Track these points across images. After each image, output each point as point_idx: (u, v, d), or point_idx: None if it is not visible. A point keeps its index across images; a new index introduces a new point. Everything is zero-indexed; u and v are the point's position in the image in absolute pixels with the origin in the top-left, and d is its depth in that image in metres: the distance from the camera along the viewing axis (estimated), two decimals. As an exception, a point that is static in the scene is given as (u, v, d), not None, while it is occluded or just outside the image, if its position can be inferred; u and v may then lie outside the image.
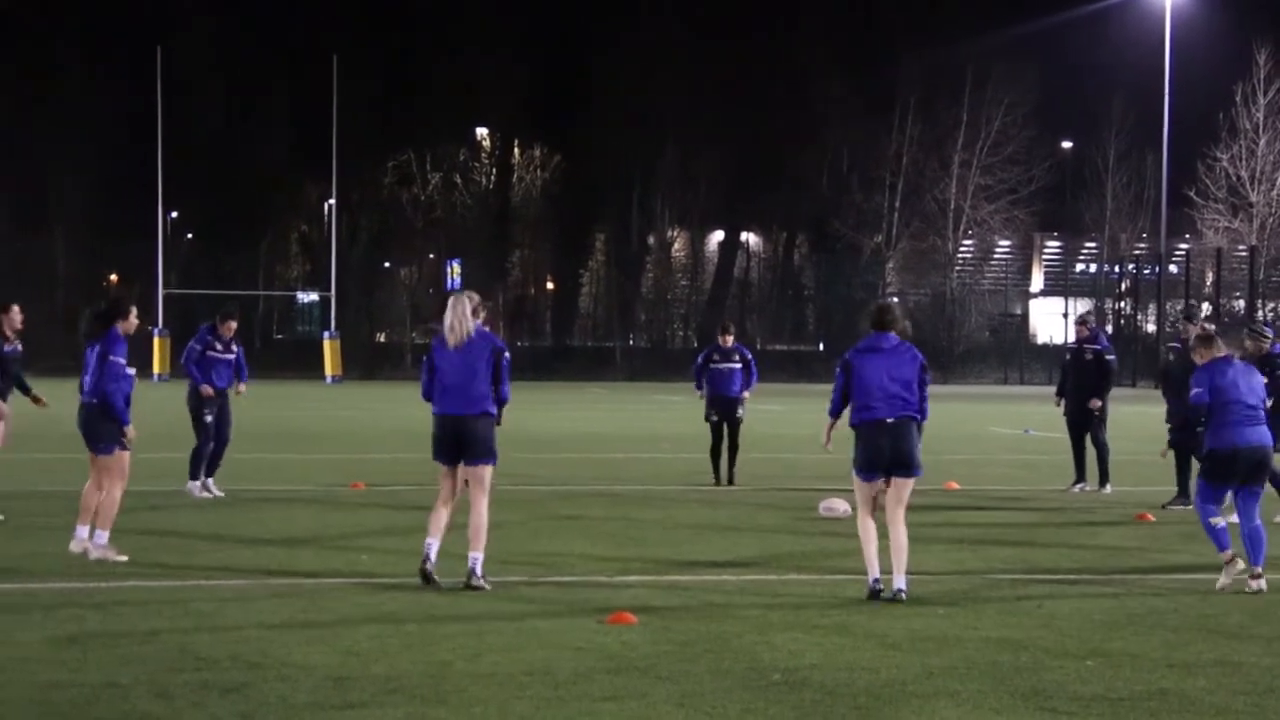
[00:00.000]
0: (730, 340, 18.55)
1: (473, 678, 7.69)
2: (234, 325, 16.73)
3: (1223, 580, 10.53)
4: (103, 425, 11.75)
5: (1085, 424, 17.98)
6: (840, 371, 10.39)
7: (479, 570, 10.21)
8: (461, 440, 10.40)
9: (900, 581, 10.06)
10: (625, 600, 9.84)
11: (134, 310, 12.25)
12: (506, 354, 10.54)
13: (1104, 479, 17.75)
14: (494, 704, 7.17)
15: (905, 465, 10.21)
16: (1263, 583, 10.47)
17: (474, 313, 10.52)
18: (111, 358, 11.74)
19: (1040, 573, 11.47)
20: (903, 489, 10.32)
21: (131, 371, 11.93)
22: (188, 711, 7.00)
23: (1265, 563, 10.63)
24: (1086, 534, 13.92)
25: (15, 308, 14.61)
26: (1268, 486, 11.63)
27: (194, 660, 8.01)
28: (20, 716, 6.91)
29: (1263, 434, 10.75)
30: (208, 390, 16.25)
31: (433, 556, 10.28)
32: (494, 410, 10.46)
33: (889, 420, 10.14)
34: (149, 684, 7.47)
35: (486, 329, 10.61)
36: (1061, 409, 18.36)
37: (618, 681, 7.63)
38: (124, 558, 11.41)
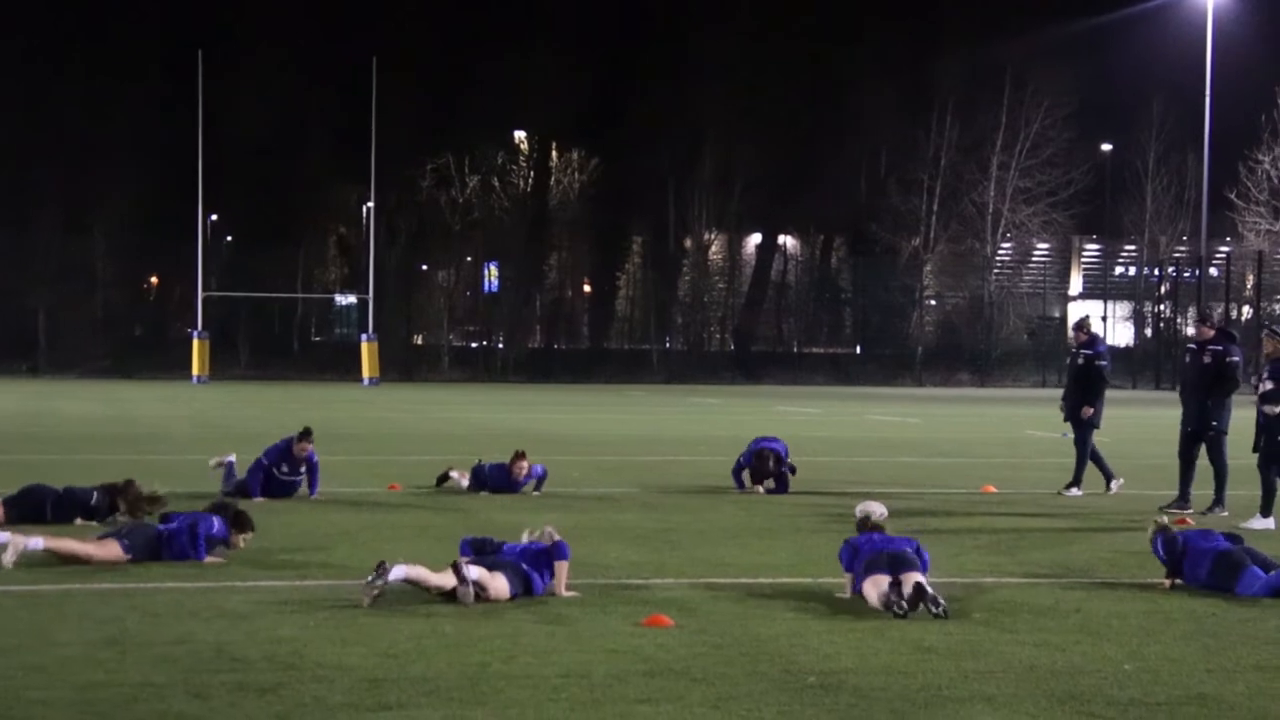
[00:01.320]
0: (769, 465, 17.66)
1: (508, 679, 7.70)
2: (309, 446, 16.13)
3: None
4: None
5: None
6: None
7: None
8: None
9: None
10: (661, 603, 9.84)
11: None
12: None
13: (1075, 482, 17.84)
14: (530, 706, 7.19)
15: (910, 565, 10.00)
16: None
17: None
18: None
19: (1077, 577, 11.41)
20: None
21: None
22: (224, 711, 7.03)
23: None
24: (1124, 538, 13.84)
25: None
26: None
27: (229, 661, 8.04)
28: (62, 716, 6.95)
29: None
30: (257, 499, 15.61)
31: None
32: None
33: (885, 552, 10.16)
34: (185, 684, 7.51)
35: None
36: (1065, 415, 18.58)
37: (653, 684, 7.63)
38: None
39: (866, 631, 9.04)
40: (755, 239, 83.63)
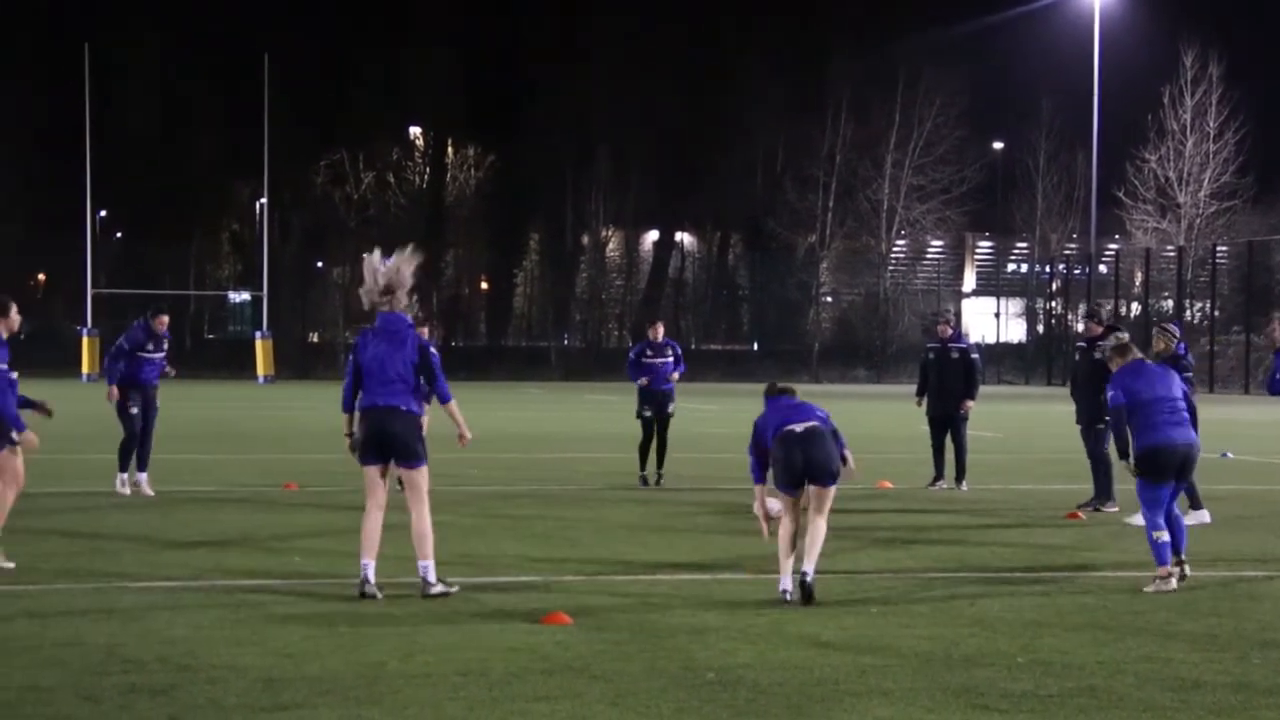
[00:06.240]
0: (660, 334, 18.73)
1: (406, 678, 7.64)
2: (166, 320, 16.65)
3: (1152, 587, 10.57)
4: None
5: (949, 422, 18.18)
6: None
7: (431, 577, 9.97)
8: (385, 440, 10.08)
9: (809, 566, 9.83)
10: (560, 601, 9.81)
11: (13, 307, 11.29)
12: (434, 351, 10.43)
13: (961, 476, 18.02)
14: (427, 705, 7.13)
15: (824, 475, 9.96)
16: (1186, 568, 10.70)
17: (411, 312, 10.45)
18: None
19: (972, 571, 11.53)
20: (824, 498, 10.03)
21: (14, 375, 11.07)
22: (114, 714, 6.91)
23: (1187, 553, 10.81)
24: (1018, 533, 14.01)
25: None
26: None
27: (121, 663, 7.91)
28: (-57, 722, 6.80)
29: (1188, 432, 10.85)
30: (114, 394, 16.24)
31: (371, 578, 9.93)
32: (419, 409, 10.29)
33: (798, 430, 10.01)
34: (74, 687, 7.37)
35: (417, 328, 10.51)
36: (923, 408, 18.60)
37: (551, 682, 7.61)
38: (11, 564, 10.90)
39: (764, 628, 9.08)
40: (652, 236, 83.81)
